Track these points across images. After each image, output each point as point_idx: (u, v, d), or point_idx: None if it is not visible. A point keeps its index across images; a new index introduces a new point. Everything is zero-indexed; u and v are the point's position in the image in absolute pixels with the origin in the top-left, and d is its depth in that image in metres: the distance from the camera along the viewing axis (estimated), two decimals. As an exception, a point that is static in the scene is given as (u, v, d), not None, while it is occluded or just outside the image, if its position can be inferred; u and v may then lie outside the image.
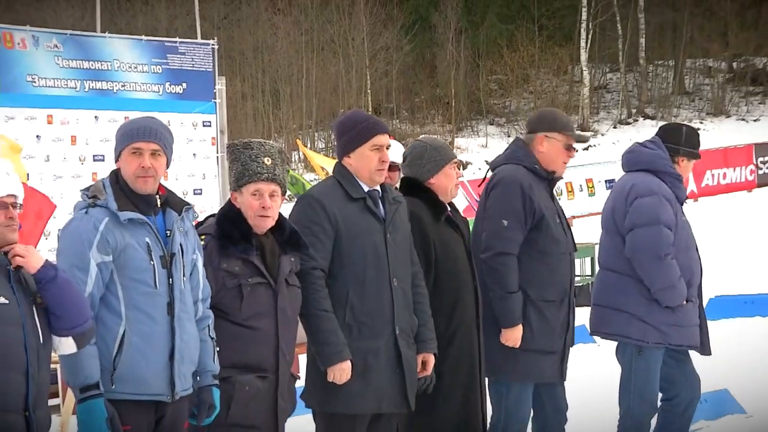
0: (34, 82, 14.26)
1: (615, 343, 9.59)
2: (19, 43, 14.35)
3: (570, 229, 9.01)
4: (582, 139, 9.15)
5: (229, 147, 7.47)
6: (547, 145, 8.89)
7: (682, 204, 9.35)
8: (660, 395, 9.43)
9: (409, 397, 7.68)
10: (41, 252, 6.46)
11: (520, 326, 8.44)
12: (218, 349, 6.94)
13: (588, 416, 10.44)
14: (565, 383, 9.10)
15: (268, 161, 7.16)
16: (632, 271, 9.20)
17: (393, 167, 8.52)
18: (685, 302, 9.10)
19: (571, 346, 9.01)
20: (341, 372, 7.36)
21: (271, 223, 7.15)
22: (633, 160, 9.49)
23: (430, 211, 8.20)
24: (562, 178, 9.19)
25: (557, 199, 9.05)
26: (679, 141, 9.45)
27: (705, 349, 9.38)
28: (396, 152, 8.59)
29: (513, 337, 8.43)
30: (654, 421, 9.50)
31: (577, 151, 9.12)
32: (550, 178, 8.91)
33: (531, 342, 8.56)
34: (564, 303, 8.74)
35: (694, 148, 9.51)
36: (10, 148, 12.19)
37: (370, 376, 7.52)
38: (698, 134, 9.74)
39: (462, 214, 8.52)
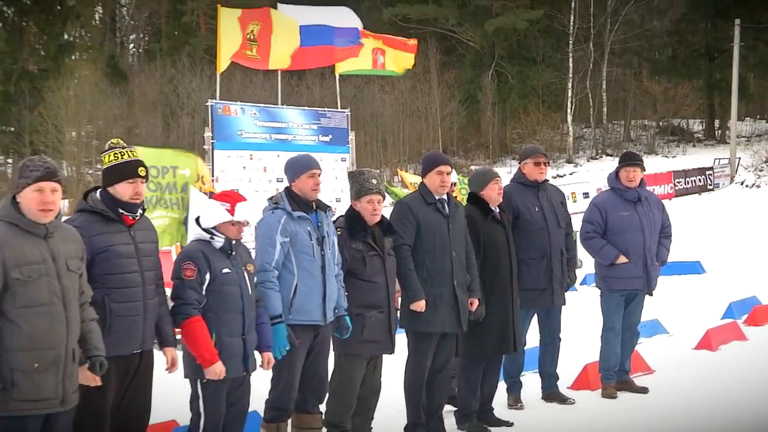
0: (242, 135, 14.40)
1: (594, 291, 9.77)
2: (234, 112, 14.48)
3: (557, 215, 8.85)
4: (537, 151, 9.04)
5: (350, 174, 7.59)
6: (526, 168, 8.91)
7: (634, 201, 9.21)
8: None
9: (462, 323, 7.66)
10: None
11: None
12: (347, 294, 7.00)
13: (577, 341, 10.38)
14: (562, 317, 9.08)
15: (374, 181, 7.23)
16: None
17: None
18: (621, 262, 9.07)
19: (566, 286, 8.93)
20: (419, 306, 7.40)
21: (378, 218, 7.19)
22: None
23: (480, 214, 8.13)
24: (547, 180, 9.07)
25: (548, 196, 8.91)
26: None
27: (648, 289, 9.25)
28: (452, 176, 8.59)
29: None
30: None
31: (547, 165, 9.04)
32: (536, 186, 8.86)
33: (525, 284, 8.54)
34: (544, 258, 8.66)
35: (621, 162, 9.44)
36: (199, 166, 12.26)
37: (438, 310, 7.52)
38: (627, 153, 9.68)
39: (506, 213, 8.46)
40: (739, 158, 46.14)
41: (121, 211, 5.75)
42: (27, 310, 4.93)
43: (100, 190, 5.83)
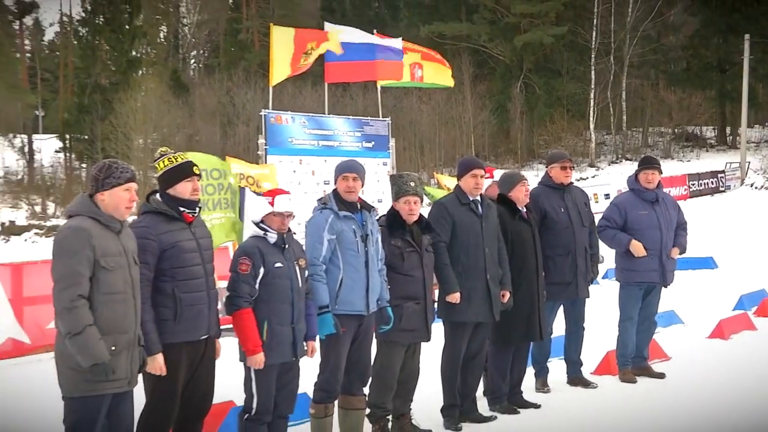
0: (292, 141, 14.39)
1: (615, 284, 9.63)
2: (285, 121, 14.47)
3: (581, 215, 8.83)
4: (563, 156, 9.00)
5: (391, 177, 7.58)
6: (553, 172, 8.90)
7: (652, 201, 9.16)
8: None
9: (495, 313, 7.66)
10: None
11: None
12: (389, 287, 6.97)
13: (600, 330, 10.30)
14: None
15: (412, 184, 7.21)
16: None
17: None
18: (639, 254, 9.01)
19: (590, 279, 8.91)
20: (454, 297, 7.41)
21: (415, 217, 7.17)
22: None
23: (508, 213, 8.10)
24: (572, 183, 9.03)
25: (573, 198, 8.89)
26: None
27: (664, 282, 9.22)
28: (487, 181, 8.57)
29: None
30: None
31: (573, 168, 9.04)
32: (562, 188, 8.85)
33: (552, 278, 8.56)
34: (569, 255, 8.65)
35: (640, 165, 9.38)
36: (271, 172, 12.41)
37: (472, 301, 7.52)
38: (646, 157, 9.56)
39: (534, 213, 8.46)
40: (749, 162, 45.97)
41: (182, 209, 5.80)
42: (107, 296, 5.06)
43: (159, 193, 5.88)
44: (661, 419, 7.70)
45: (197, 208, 5.91)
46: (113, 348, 5.04)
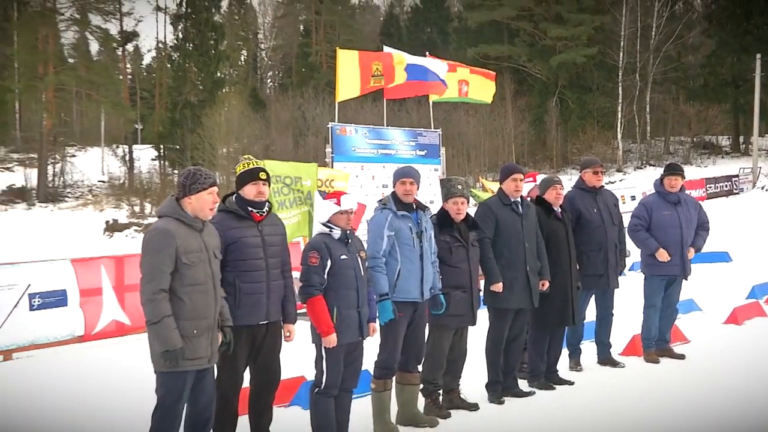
0: (355, 150, 14.42)
1: (640, 275, 9.50)
2: (349, 132, 14.50)
3: (612, 214, 8.71)
4: (595, 162, 8.87)
5: (441, 181, 7.58)
6: (586, 176, 8.78)
7: (675, 202, 9.04)
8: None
9: (534, 301, 7.62)
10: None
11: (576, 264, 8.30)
12: (441, 276, 6.93)
13: (627, 316, 10.17)
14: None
15: (460, 187, 7.17)
16: None
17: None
18: (662, 257, 8.91)
19: (619, 272, 8.80)
20: (497, 287, 7.38)
21: (462, 216, 7.14)
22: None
23: (544, 213, 8.03)
24: (603, 186, 8.89)
25: (604, 199, 8.76)
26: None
27: (685, 275, 9.11)
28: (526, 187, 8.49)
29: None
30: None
31: (604, 172, 8.90)
32: (594, 191, 8.75)
33: (586, 270, 8.47)
34: (601, 250, 8.53)
35: (665, 171, 9.24)
36: (345, 175, 12.46)
37: (513, 290, 7.47)
38: (671, 164, 9.42)
39: (569, 213, 8.36)
40: (760, 167, 45.39)
41: (250, 209, 5.86)
42: (190, 288, 5.12)
43: (235, 195, 5.96)
44: (681, 395, 7.62)
45: (266, 208, 5.95)
46: (195, 331, 5.11)
